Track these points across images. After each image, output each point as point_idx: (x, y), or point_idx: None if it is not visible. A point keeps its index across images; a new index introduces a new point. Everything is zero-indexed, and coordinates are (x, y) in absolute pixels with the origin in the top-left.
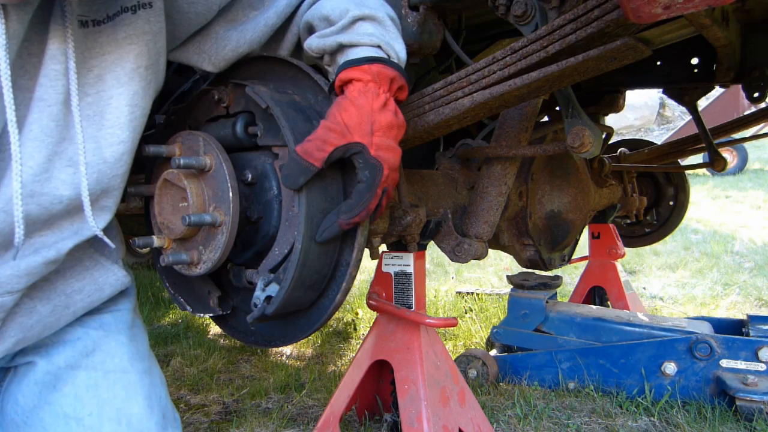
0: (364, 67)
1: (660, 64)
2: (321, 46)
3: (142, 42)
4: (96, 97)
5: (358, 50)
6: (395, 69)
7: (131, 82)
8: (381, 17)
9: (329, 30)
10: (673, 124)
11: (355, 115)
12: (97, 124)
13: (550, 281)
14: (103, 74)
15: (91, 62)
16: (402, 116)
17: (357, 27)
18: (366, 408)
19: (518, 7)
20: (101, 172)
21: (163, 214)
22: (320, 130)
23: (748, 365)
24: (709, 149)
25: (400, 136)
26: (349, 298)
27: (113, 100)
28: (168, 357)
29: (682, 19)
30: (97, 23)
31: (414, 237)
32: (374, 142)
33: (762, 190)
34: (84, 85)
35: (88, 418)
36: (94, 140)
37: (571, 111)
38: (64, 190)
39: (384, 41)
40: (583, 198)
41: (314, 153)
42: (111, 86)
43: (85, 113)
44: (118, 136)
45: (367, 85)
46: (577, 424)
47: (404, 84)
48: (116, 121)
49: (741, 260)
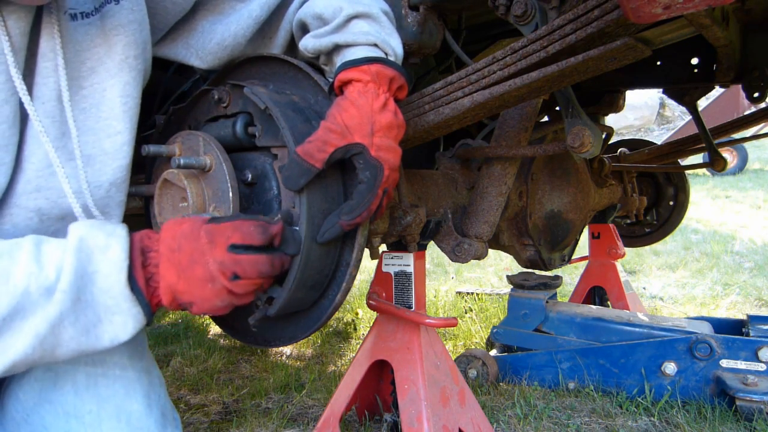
0: (363, 68)
1: (660, 64)
2: (316, 46)
3: (128, 32)
4: (91, 90)
5: (354, 50)
6: (394, 68)
7: (121, 73)
8: (375, 14)
9: (324, 30)
10: (673, 124)
11: (355, 115)
12: (95, 116)
13: (550, 281)
14: (95, 66)
15: (84, 55)
16: (402, 116)
17: (352, 26)
18: (366, 408)
19: (518, 7)
20: (103, 163)
21: (163, 214)
22: (321, 131)
23: (748, 365)
24: (709, 149)
25: (400, 136)
26: (349, 298)
27: (107, 92)
28: (168, 357)
29: (682, 19)
30: (86, 15)
31: (414, 237)
32: (375, 143)
33: (762, 190)
34: (78, 78)
35: (87, 416)
36: (93, 132)
37: (571, 111)
38: (69, 184)
39: (380, 39)
40: (583, 198)
41: (315, 154)
42: (103, 78)
43: (81, 106)
44: (114, 127)
45: (366, 86)
46: (577, 424)
47: (404, 83)
48: (111, 113)
49: (741, 260)
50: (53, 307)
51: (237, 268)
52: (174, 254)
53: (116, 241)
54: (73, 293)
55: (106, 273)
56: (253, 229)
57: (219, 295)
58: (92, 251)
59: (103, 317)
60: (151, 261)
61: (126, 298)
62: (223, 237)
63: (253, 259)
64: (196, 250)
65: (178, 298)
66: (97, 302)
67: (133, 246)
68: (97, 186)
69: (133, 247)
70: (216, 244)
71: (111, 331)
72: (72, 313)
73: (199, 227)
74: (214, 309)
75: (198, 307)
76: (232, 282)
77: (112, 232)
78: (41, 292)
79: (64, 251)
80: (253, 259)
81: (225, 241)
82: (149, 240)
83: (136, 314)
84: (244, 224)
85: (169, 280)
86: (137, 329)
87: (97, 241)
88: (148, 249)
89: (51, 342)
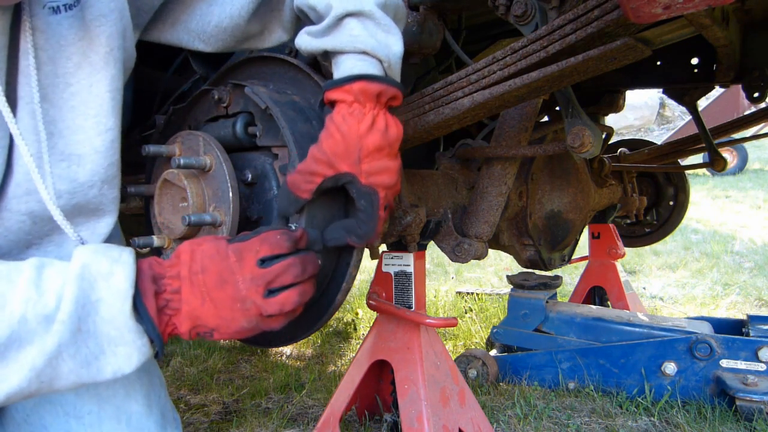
0: (346, 88)
1: (660, 64)
2: (308, 50)
3: (110, 21)
4: (78, 87)
5: (343, 58)
6: (380, 82)
7: (107, 67)
8: (368, 10)
9: (316, 29)
10: (673, 124)
11: (340, 143)
12: (83, 114)
13: (550, 281)
14: (81, 62)
15: (69, 50)
16: (394, 130)
17: (343, 27)
18: (366, 408)
19: (518, 7)
20: (95, 163)
21: (163, 214)
22: (309, 160)
23: (748, 365)
24: (709, 149)
25: (395, 148)
26: (349, 298)
27: (93, 88)
28: (168, 357)
29: (682, 19)
30: (69, 8)
31: (414, 237)
32: (364, 170)
33: (762, 190)
34: (65, 74)
35: (87, 417)
36: (83, 131)
37: (571, 111)
38: (61, 185)
39: (370, 45)
40: (583, 198)
41: (302, 185)
42: (89, 73)
43: (70, 104)
44: (104, 124)
45: (351, 107)
46: (577, 424)
47: (395, 93)
48: (100, 109)
49: (741, 260)
50: (51, 338)
51: (269, 277)
52: (198, 276)
53: (121, 269)
54: (74, 323)
55: (110, 302)
56: (279, 238)
57: (247, 315)
58: (95, 279)
59: (106, 349)
60: (167, 288)
61: (130, 328)
62: (252, 252)
63: (285, 263)
64: (225, 269)
65: (201, 324)
66: (100, 332)
67: (142, 274)
68: (90, 185)
69: (142, 276)
70: (245, 260)
71: (114, 364)
72: (72, 344)
73: (225, 246)
74: (240, 332)
75: (222, 331)
76: (265, 300)
77: (117, 259)
78: (39, 320)
79: (65, 278)
80: (285, 263)
81: (254, 256)
82: (160, 267)
83: (141, 346)
84: (270, 235)
85: (193, 304)
86: (142, 362)
87: (101, 267)
88: (161, 276)
89: (48, 375)
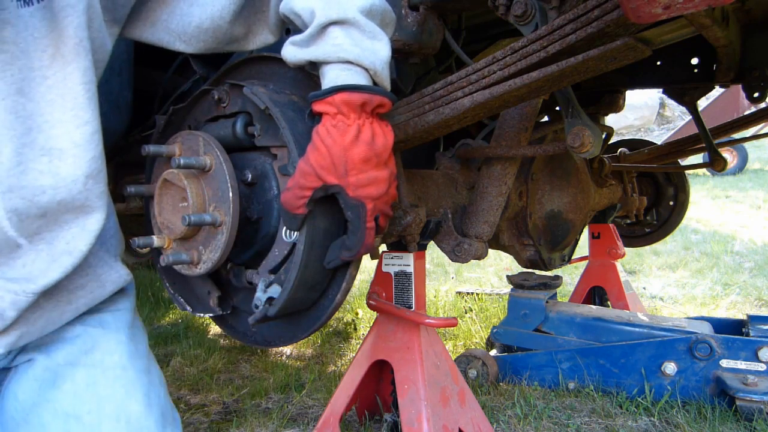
0: (328, 100)
1: (660, 64)
2: (294, 61)
3: (78, 11)
4: (54, 80)
5: (327, 69)
6: (363, 92)
7: (78, 58)
8: (351, 18)
9: (300, 39)
10: (673, 124)
11: (326, 156)
12: (61, 107)
13: (550, 281)
14: (55, 54)
15: (43, 42)
16: (381, 140)
17: (326, 36)
18: (366, 408)
19: (518, 7)
20: (77, 156)
21: (163, 214)
22: (297, 174)
23: (748, 365)
24: (709, 149)
25: (383, 158)
26: (349, 298)
27: (67, 81)
28: (168, 357)
29: (682, 19)
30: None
31: (414, 237)
32: (350, 183)
33: (762, 190)
34: (41, 68)
35: (87, 416)
36: (62, 124)
37: (571, 111)
38: (44, 180)
39: (354, 54)
40: (583, 198)
41: (295, 202)
42: (61, 66)
43: (48, 98)
44: (81, 117)
45: (335, 119)
46: (577, 424)
47: (382, 101)
48: (76, 102)
49: (741, 260)
50: None
51: None
52: None
53: None
54: None
55: None
56: None
57: None
58: None
59: None
60: None
61: None
62: None
63: None
64: None
65: None
66: None
67: None
68: (74, 180)
69: None
70: None
71: None
72: None
73: None
74: None
75: None
76: None
77: None
78: None
79: None
80: None
81: None
82: None
83: None
84: None
85: None
86: None
87: None
88: None
89: None
